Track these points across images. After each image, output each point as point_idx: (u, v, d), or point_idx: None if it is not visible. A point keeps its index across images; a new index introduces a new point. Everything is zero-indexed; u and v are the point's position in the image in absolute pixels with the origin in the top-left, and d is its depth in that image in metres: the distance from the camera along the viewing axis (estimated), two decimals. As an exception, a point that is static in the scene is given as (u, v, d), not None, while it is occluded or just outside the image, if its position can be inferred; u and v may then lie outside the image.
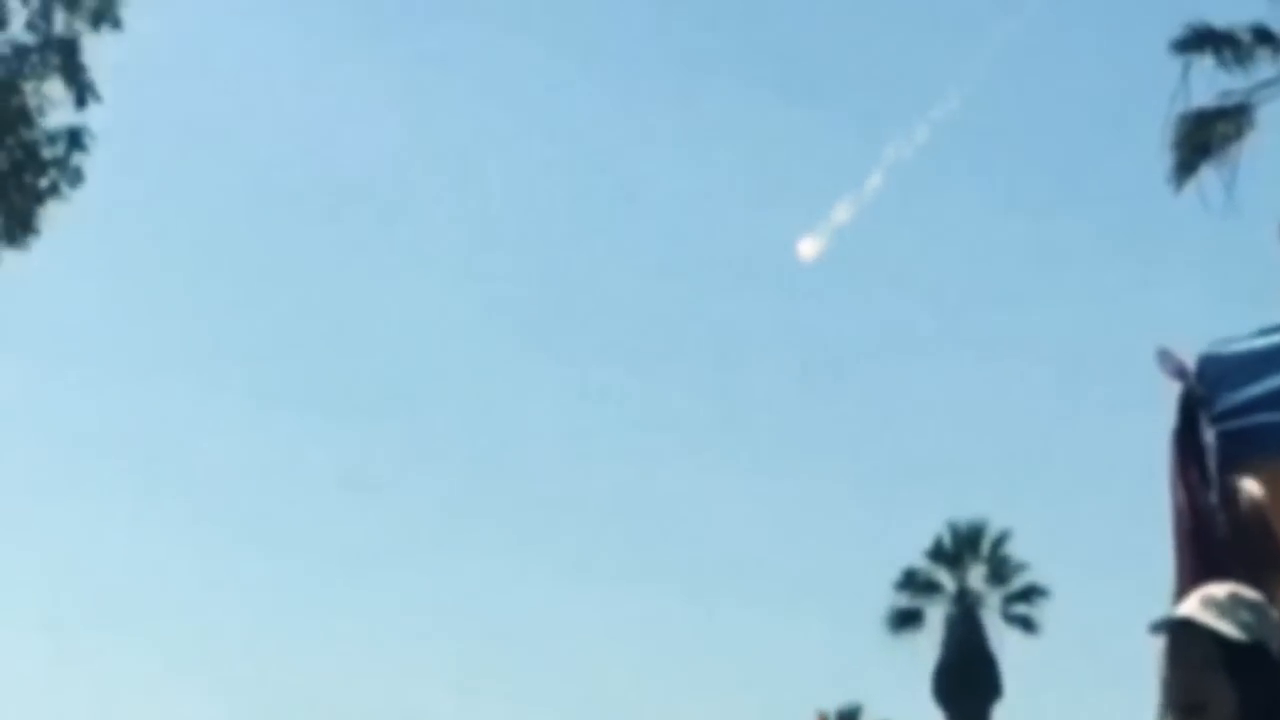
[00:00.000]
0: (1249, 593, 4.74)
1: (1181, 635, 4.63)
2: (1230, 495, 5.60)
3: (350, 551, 61.59)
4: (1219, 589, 4.73)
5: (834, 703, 51.88)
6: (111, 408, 63.40)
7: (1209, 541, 5.64)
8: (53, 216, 27.19)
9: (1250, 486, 5.51)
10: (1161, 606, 5.05)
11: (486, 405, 65.26)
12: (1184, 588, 5.21)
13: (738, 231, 63.31)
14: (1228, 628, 4.59)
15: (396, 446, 63.03)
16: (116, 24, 27.20)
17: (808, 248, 41.68)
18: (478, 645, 59.29)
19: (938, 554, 49.55)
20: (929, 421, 64.38)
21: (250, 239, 67.23)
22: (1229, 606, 4.65)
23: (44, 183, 26.80)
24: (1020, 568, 49.12)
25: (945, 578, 49.43)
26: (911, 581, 49.32)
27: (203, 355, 64.92)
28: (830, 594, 60.93)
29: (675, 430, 62.36)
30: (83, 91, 26.68)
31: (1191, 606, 4.66)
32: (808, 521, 62.47)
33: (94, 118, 27.37)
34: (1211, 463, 5.70)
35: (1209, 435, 5.74)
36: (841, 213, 42.81)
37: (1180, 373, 5.77)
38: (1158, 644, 4.71)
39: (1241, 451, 5.64)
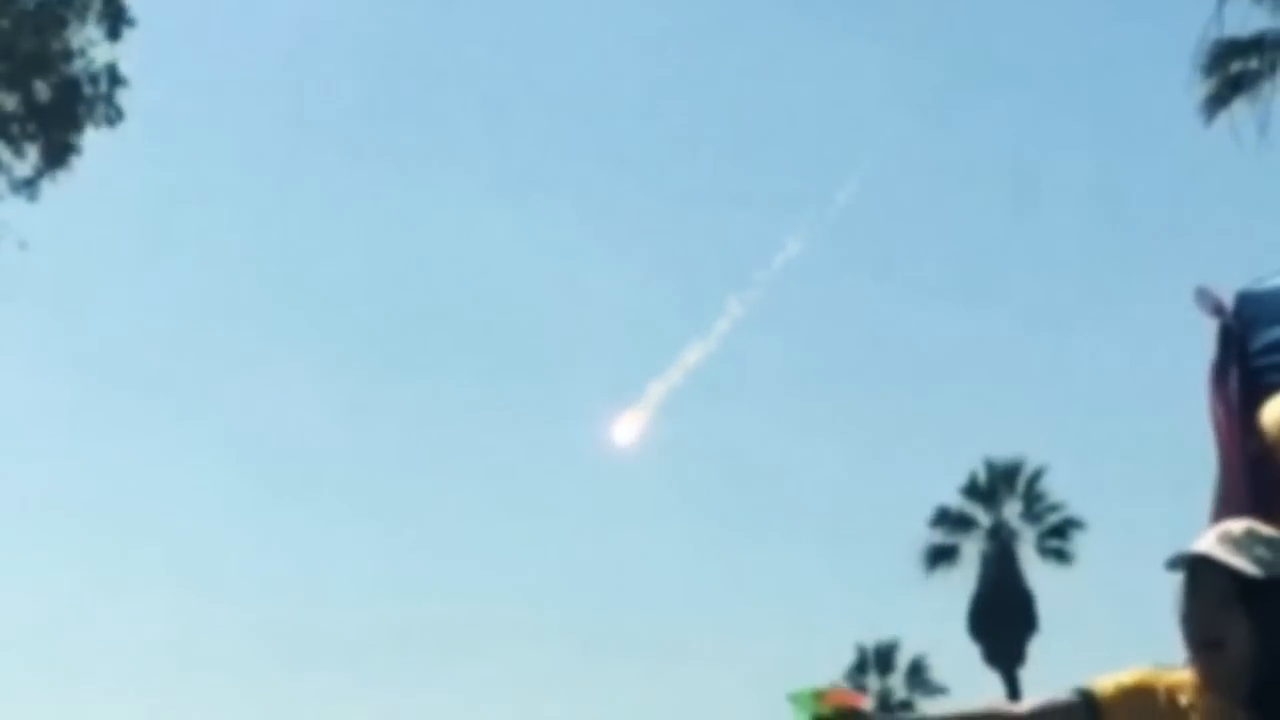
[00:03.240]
0: (1266, 528, 4.73)
1: (1198, 571, 4.64)
2: (1255, 430, 5.61)
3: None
4: (1236, 525, 4.75)
5: (871, 639, 52.15)
6: (151, 347, 63.52)
7: (1237, 478, 5.66)
8: (93, 144, 27.28)
9: (1271, 417, 5.49)
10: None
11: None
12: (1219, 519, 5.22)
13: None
14: (1243, 563, 4.60)
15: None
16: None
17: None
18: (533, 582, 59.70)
19: (973, 490, 49.54)
20: (963, 360, 64.45)
21: (294, 170, 67.23)
22: (1245, 542, 4.66)
23: (83, 110, 26.88)
24: (1056, 505, 49.12)
25: (980, 514, 49.45)
26: (946, 518, 49.32)
27: (250, 293, 65.14)
28: (866, 532, 61.19)
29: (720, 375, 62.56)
30: (118, 26, 26.72)
31: (1208, 543, 4.68)
32: (843, 460, 62.56)
33: (133, 54, 27.51)
34: (1240, 399, 5.71)
35: (1245, 371, 5.74)
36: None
37: (1218, 310, 5.77)
38: (1177, 580, 4.77)
39: (1276, 387, 5.65)
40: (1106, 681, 4.70)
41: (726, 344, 50.29)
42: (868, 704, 4.69)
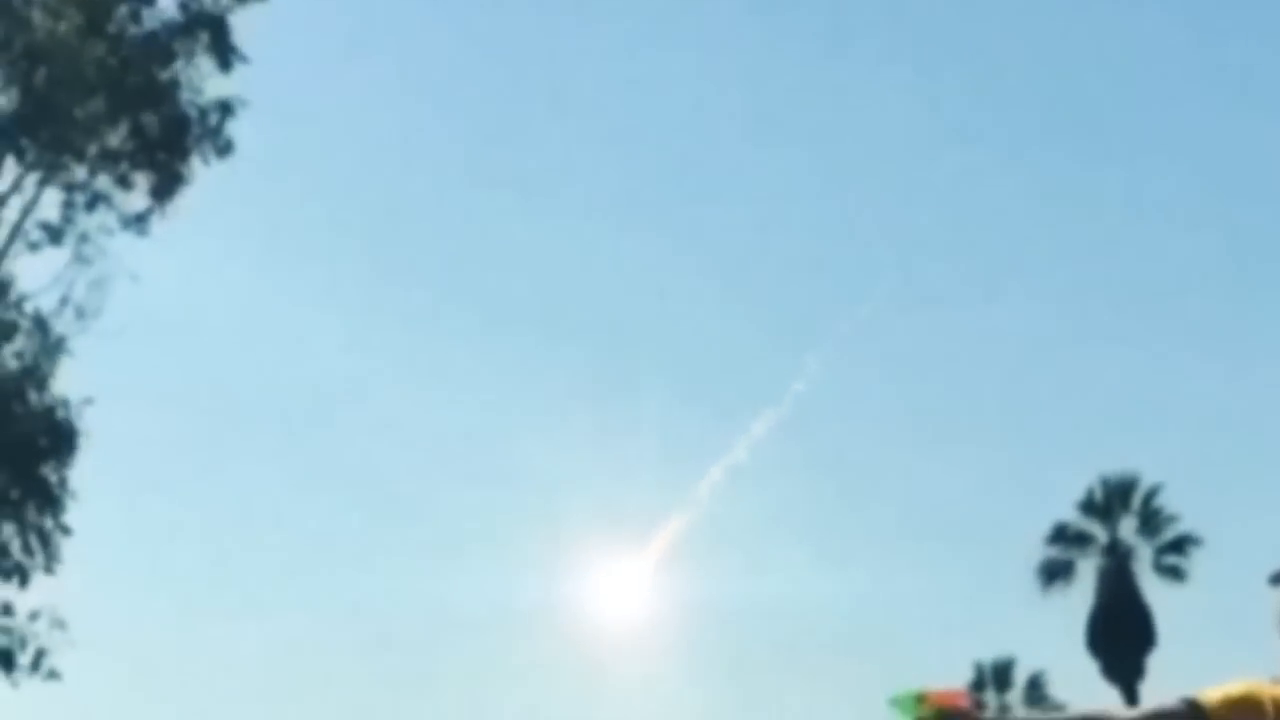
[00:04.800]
0: None
1: None
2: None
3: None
4: None
5: (987, 656, 51.88)
6: (263, 378, 64.02)
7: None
8: (203, 175, 27.44)
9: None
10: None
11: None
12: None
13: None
14: None
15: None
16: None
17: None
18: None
19: (1089, 506, 49.21)
20: (1078, 376, 64.09)
21: (405, 199, 67.60)
22: None
23: (191, 141, 27.11)
24: (1171, 519, 48.73)
25: (1097, 530, 49.10)
26: (1063, 535, 49.01)
27: (362, 323, 65.54)
28: (982, 549, 60.80)
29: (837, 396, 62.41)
30: (228, 59, 26.95)
31: (1310, 555, 4.69)
32: (958, 478, 62.33)
33: (244, 89, 27.73)
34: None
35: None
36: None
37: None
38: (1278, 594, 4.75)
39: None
40: (1214, 692, 4.70)
41: (841, 366, 50.18)
42: (972, 704, 4.69)
